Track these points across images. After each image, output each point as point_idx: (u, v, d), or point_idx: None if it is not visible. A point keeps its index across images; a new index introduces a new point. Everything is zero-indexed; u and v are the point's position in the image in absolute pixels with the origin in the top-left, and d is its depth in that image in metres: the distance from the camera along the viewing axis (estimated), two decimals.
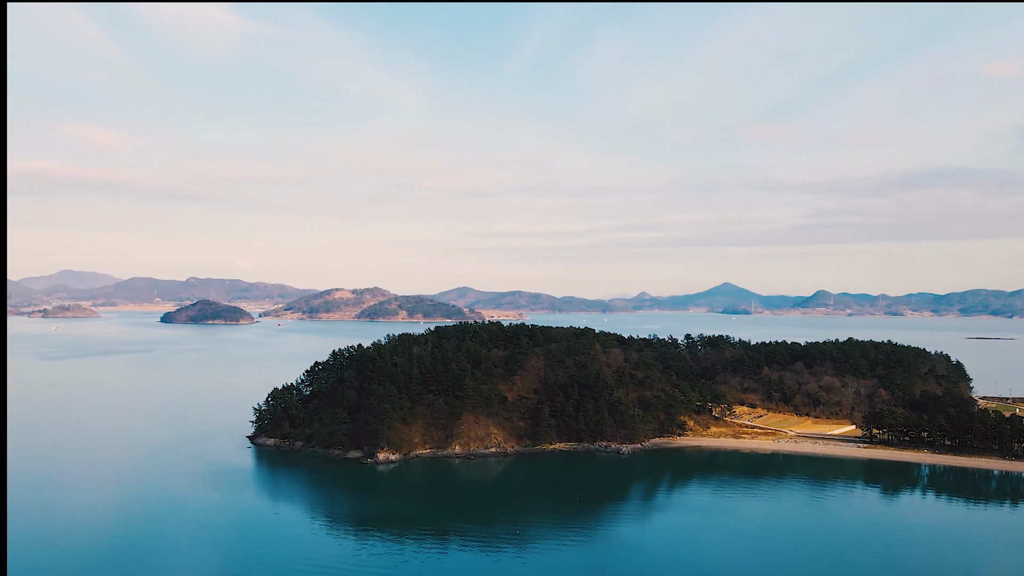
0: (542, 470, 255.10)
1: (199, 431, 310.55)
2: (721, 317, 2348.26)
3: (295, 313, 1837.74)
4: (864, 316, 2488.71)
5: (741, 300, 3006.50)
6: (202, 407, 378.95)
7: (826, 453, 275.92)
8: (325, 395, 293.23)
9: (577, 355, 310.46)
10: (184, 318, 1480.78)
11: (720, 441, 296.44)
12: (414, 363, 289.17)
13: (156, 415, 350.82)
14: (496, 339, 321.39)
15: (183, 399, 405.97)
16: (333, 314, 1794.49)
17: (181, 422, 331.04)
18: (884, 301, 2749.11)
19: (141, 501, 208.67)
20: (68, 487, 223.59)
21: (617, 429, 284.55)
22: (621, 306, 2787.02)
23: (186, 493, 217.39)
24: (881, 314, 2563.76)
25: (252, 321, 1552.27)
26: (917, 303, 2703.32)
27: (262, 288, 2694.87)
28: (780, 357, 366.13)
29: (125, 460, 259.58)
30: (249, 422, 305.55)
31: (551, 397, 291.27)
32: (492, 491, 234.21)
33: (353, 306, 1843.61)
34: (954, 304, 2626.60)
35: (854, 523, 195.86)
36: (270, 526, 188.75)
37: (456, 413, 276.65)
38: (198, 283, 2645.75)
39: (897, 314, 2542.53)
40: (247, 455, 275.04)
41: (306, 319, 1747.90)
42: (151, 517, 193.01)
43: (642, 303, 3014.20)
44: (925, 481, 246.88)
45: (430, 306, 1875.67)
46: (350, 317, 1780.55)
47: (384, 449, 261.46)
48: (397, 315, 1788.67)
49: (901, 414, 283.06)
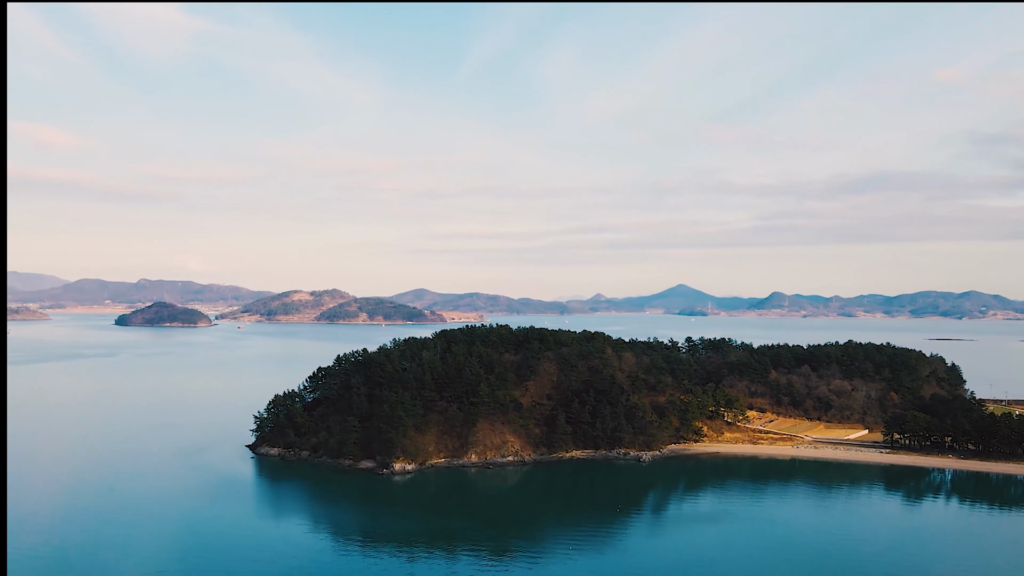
0: (563, 479, 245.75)
1: (195, 441, 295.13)
2: (679, 318, 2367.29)
3: (252, 315, 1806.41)
4: (819, 317, 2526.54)
5: (696, 301, 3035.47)
6: (192, 414, 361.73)
7: (849, 459, 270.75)
8: (331, 402, 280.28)
9: (590, 359, 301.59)
10: (140, 320, 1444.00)
11: (738, 447, 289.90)
12: (425, 368, 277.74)
13: (144, 424, 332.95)
14: (507, 343, 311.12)
15: (169, 407, 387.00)
16: (292, 316, 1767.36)
17: (173, 431, 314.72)
18: (837, 302, 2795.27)
19: (145, 516, 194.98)
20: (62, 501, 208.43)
21: (635, 436, 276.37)
22: (578, 307, 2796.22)
23: (191, 508, 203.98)
24: (835, 315, 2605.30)
25: (209, 323, 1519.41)
26: (869, 304, 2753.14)
27: (216, 290, 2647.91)
28: (785, 360, 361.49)
29: (121, 473, 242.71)
30: (249, 431, 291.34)
31: (565, 403, 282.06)
32: (517, 502, 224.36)
33: (312, 308, 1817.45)
34: (905, 305, 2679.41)
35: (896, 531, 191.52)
36: (290, 543, 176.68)
37: (471, 420, 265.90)
38: (150, 285, 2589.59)
39: (850, 315, 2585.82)
40: (251, 466, 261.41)
41: (264, 321, 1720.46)
42: (156, 534, 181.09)
43: (598, 304, 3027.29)
44: (958, 487, 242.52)
45: (390, 308, 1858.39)
46: (309, 319, 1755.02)
47: (400, 459, 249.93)
48: (357, 317, 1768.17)
49: (924, 419, 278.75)
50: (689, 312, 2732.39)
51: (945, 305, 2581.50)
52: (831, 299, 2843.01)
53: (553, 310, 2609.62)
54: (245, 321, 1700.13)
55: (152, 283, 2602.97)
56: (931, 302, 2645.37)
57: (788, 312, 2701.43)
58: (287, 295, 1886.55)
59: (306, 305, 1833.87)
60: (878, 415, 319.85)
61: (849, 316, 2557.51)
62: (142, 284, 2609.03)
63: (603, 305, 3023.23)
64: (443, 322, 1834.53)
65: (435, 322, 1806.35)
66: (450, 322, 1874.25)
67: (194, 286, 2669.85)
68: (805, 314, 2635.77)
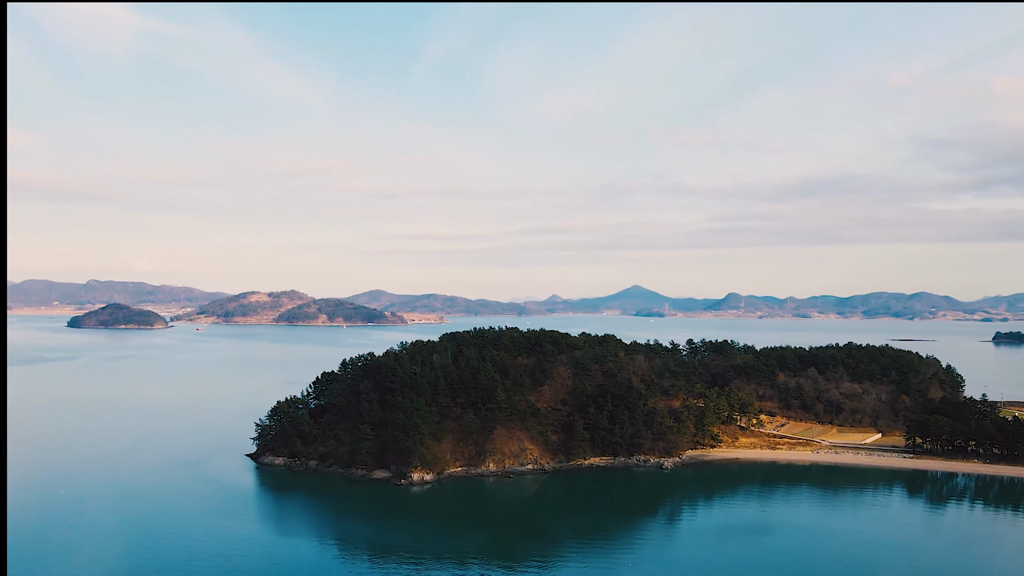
0: (586, 488, 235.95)
1: (191, 450, 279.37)
2: (636, 319, 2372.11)
3: (209, 317, 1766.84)
4: (775, 318, 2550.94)
5: (652, 303, 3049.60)
6: (182, 422, 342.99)
7: (872, 464, 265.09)
8: (339, 409, 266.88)
9: (604, 363, 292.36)
10: (93, 323, 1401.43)
11: (756, 453, 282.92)
12: (439, 373, 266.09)
13: (133, 434, 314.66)
14: (519, 346, 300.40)
15: (155, 414, 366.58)
16: (250, 318, 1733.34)
17: (166, 440, 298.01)
18: (792, 303, 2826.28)
19: (150, 534, 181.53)
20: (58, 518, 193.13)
21: (655, 442, 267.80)
22: (534, 309, 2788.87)
23: (199, 524, 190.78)
24: (790, 316, 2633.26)
25: (165, 325, 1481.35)
26: (823, 305, 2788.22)
27: (168, 291, 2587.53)
28: (791, 363, 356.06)
29: (118, 487, 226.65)
30: (250, 439, 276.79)
31: (581, 408, 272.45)
32: (543, 513, 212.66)
33: (270, 309, 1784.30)
34: (857, 306, 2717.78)
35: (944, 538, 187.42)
36: (310, 561, 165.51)
37: (488, 427, 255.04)
38: (100, 286, 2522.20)
39: (805, 316, 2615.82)
40: (256, 477, 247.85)
41: (222, 323, 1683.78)
42: (165, 552, 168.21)
43: (555, 306, 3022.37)
44: (992, 493, 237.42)
45: (351, 309, 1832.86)
46: (268, 321, 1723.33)
47: (418, 468, 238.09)
48: (317, 319, 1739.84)
49: (947, 423, 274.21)
50: (646, 313, 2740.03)
51: (897, 306, 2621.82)
52: (786, 300, 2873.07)
53: (511, 311, 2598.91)
54: (202, 323, 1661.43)
55: (102, 284, 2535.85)
56: (883, 303, 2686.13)
57: (744, 313, 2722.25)
58: (244, 296, 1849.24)
59: (264, 306, 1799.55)
60: (890, 418, 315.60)
61: (804, 317, 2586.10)
62: (92, 285, 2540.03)
63: (559, 306, 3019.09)
64: (404, 323, 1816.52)
65: (396, 323, 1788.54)
66: (411, 323, 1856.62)
67: (146, 287, 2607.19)
68: (761, 315, 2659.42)
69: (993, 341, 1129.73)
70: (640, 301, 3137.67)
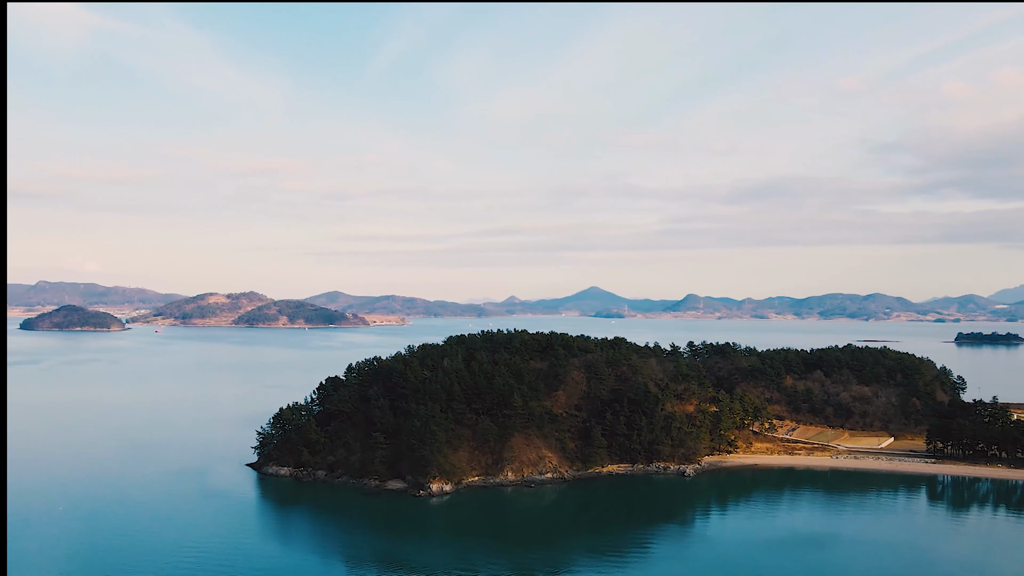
0: (608, 498, 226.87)
1: (188, 461, 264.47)
2: (597, 320, 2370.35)
3: (166, 319, 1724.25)
4: (733, 319, 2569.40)
5: (610, 303, 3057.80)
6: (169, 430, 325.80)
7: (895, 470, 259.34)
8: (347, 416, 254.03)
9: (617, 366, 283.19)
10: (48, 325, 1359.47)
11: (774, 458, 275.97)
12: (452, 378, 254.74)
13: (120, 442, 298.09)
14: (530, 349, 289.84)
15: (139, 421, 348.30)
16: (209, 319, 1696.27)
17: (158, 450, 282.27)
18: (750, 304, 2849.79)
19: (158, 554, 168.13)
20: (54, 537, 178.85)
21: (674, 448, 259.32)
22: (493, 310, 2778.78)
23: (209, 540, 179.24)
24: (748, 317, 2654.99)
25: (122, 327, 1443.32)
26: (780, 306, 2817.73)
27: (121, 292, 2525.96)
28: (795, 365, 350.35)
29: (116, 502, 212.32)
30: (251, 448, 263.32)
31: (597, 414, 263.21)
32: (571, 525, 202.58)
33: (229, 311, 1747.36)
34: (814, 307, 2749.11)
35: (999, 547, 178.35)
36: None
37: (505, 435, 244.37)
38: (50, 287, 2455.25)
39: (762, 317, 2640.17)
40: (261, 488, 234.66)
41: (180, 325, 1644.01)
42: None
43: (513, 307, 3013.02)
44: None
45: (312, 311, 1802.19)
46: (227, 323, 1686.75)
47: (437, 478, 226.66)
48: (277, 320, 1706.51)
49: (969, 426, 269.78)
50: (606, 314, 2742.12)
51: (852, 307, 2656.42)
52: (743, 301, 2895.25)
53: (470, 312, 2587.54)
54: (160, 325, 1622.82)
55: (52, 285, 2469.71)
56: (839, 304, 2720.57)
57: (703, 314, 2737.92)
58: (202, 298, 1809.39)
59: (223, 308, 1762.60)
60: (901, 422, 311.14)
61: (762, 318, 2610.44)
62: (41, 286, 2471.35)
63: (518, 307, 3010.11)
64: (366, 325, 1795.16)
65: (358, 325, 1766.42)
66: (373, 325, 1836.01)
67: (97, 288, 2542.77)
68: (720, 316, 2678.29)
69: (955, 342, 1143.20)
70: (598, 302, 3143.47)
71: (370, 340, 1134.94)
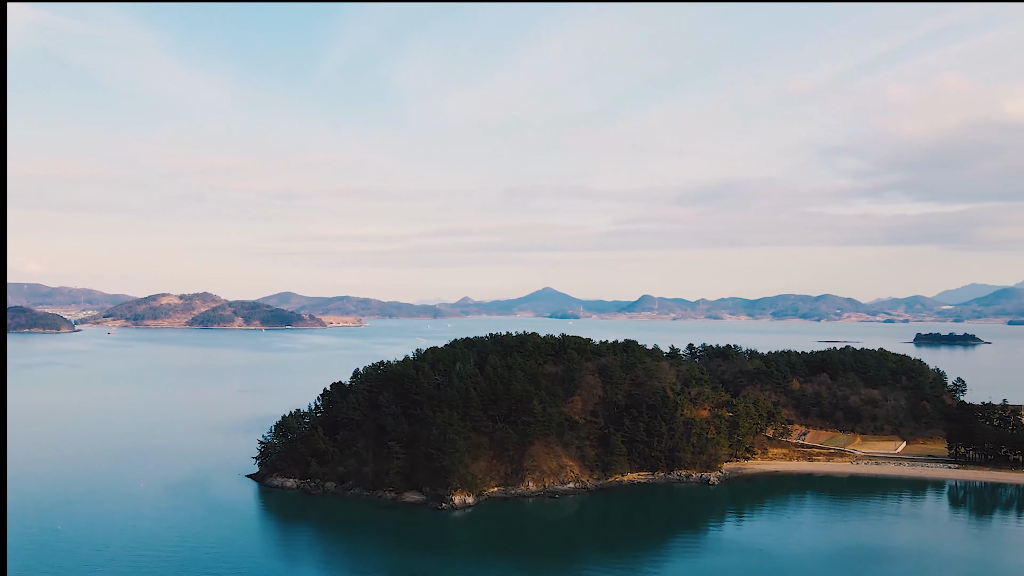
0: (632, 508, 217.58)
1: (184, 472, 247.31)
2: (553, 321, 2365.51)
3: (117, 320, 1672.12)
4: (688, 320, 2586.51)
5: (564, 304, 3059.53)
6: (158, 439, 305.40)
7: (919, 475, 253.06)
8: (356, 424, 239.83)
9: (633, 370, 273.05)
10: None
11: (794, 464, 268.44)
12: (468, 383, 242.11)
13: (109, 452, 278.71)
14: (544, 353, 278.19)
15: (124, 430, 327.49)
16: (161, 321, 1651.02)
17: (151, 460, 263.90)
18: (704, 305, 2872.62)
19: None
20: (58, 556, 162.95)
21: (696, 455, 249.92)
22: (447, 311, 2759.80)
23: (219, 561, 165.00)
24: (702, 318, 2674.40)
25: (72, 329, 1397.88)
26: (733, 307, 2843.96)
27: (67, 292, 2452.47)
28: (799, 368, 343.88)
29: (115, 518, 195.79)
30: (252, 458, 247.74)
31: (615, 420, 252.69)
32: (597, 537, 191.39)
33: (183, 312, 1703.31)
34: (766, 308, 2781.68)
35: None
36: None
37: (525, 443, 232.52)
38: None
39: (716, 317, 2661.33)
40: (267, 502, 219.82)
41: (131, 326, 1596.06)
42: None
43: (468, 307, 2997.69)
44: None
45: (267, 312, 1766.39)
46: (181, 324, 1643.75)
47: (459, 490, 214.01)
48: (233, 322, 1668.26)
49: (992, 430, 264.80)
50: (561, 315, 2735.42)
51: (804, 308, 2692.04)
52: (697, 302, 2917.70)
53: (425, 313, 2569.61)
54: (111, 326, 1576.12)
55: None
56: (791, 304, 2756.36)
57: (658, 315, 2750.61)
58: (154, 298, 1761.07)
59: (176, 309, 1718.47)
60: (912, 426, 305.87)
61: (716, 319, 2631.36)
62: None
63: (472, 308, 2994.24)
64: (323, 326, 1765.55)
65: (314, 326, 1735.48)
66: (330, 326, 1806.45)
67: (42, 288, 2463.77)
68: (675, 316, 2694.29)
69: (914, 343, 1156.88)
70: (552, 303, 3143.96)
71: (331, 341, 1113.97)
